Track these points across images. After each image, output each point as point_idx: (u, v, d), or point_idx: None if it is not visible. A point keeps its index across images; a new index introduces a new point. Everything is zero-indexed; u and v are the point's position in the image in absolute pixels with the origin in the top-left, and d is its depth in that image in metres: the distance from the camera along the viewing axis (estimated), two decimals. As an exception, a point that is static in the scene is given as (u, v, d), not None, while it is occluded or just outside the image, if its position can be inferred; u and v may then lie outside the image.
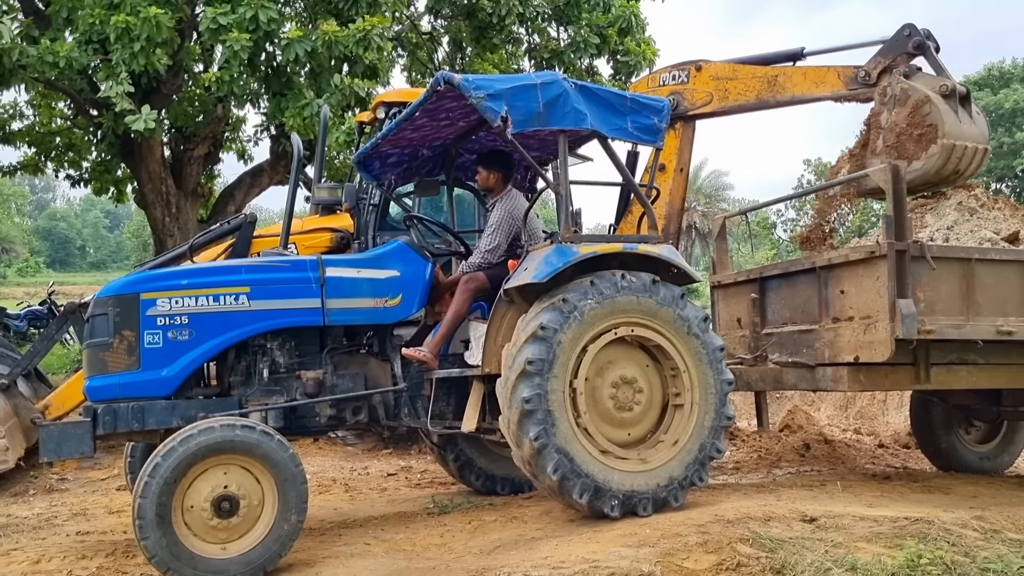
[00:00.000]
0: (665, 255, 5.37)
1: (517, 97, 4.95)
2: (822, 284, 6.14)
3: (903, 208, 5.70)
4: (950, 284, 5.74)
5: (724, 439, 5.34)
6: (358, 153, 6.31)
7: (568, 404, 4.89)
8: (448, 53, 15.09)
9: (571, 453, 4.82)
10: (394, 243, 5.77)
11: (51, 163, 15.20)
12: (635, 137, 5.51)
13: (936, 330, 5.61)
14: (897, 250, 5.55)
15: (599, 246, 5.21)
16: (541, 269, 4.98)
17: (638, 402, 5.19)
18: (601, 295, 5.00)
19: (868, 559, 3.99)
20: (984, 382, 6.17)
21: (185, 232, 14.10)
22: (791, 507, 5.03)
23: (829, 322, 6.07)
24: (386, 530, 5.44)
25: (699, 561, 4.08)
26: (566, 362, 4.89)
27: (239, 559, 4.45)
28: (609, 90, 5.56)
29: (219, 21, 9.37)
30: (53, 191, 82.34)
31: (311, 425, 5.49)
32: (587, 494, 4.82)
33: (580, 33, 12.53)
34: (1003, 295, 5.87)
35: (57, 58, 9.68)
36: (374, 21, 9.91)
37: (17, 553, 5.10)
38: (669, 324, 5.16)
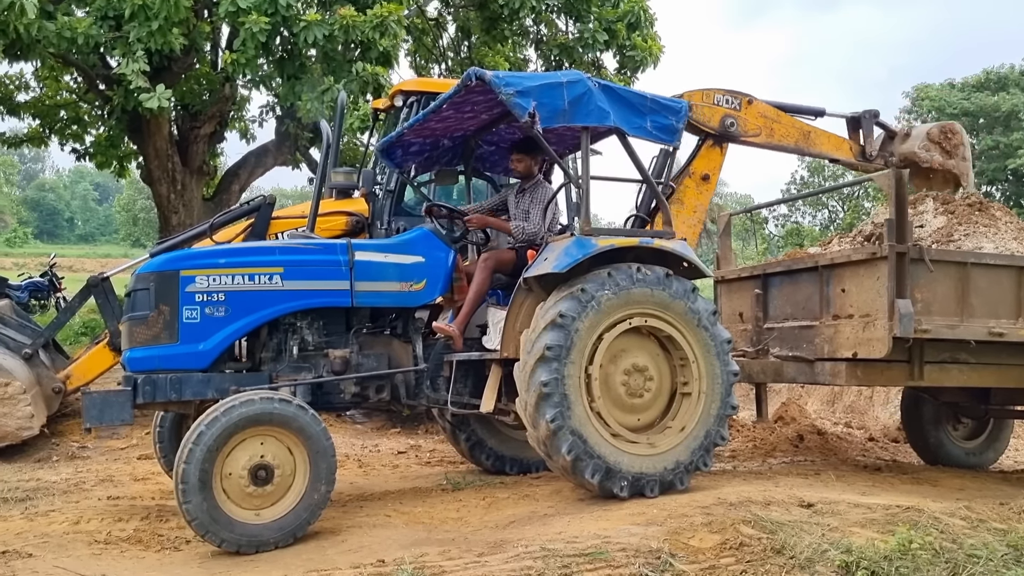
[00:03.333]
0: (678, 250, 5.61)
1: (544, 95, 5.16)
2: (824, 282, 6.40)
3: (904, 212, 5.95)
4: (946, 286, 6.02)
5: (727, 427, 5.60)
6: (382, 141, 6.53)
7: (583, 389, 5.14)
8: (453, 40, 15.24)
9: (585, 435, 5.07)
10: (419, 230, 6.00)
11: (55, 136, 15.31)
12: (654, 136, 5.71)
13: (932, 330, 5.90)
14: (897, 252, 5.81)
15: (617, 239, 5.46)
16: (561, 260, 5.22)
17: (648, 389, 5.44)
18: (617, 286, 5.24)
19: (862, 543, 4.24)
20: (974, 380, 6.43)
21: (190, 209, 14.25)
22: (789, 493, 5.30)
23: (829, 319, 6.32)
24: (404, 504, 5.69)
25: (704, 540, 4.33)
26: (582, 349, 5.13)
27: (272, 525, 4.69)
28: (630, 90, 5.79)
29: (238, 3, 9.50)
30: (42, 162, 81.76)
31: (336, 401, 5.75)
32: (598, 475, 5.08)
33: (588, 28, 12.69)
34: (996, 298, 6.16)
35: (75, 34, 9.81)
36: (391, 8, 10.07)
37: (55, 514, 5.33)
38: (680, 316, 5.41)
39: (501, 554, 4.20)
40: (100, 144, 15.24)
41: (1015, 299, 6.23)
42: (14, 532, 4.95)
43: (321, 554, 4.53)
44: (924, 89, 38.15)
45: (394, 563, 4.05)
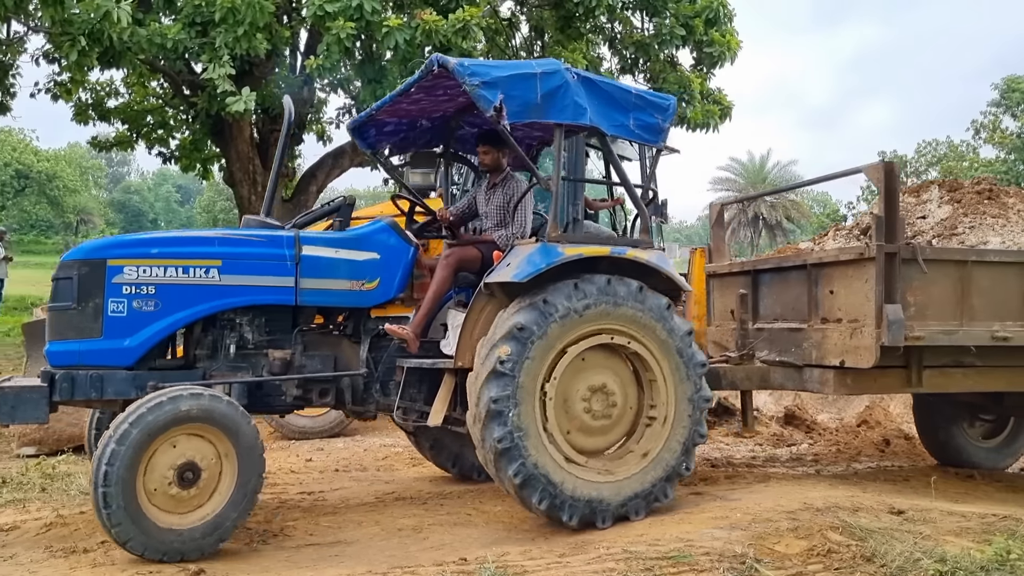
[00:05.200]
0: (654, 262, 5.16)
1: (514, 86, 4.76)
2: (812, 282, 5.92)
3: (895, 208, 5.42)
4: (944, 287, 5.51)
5: (694, 458, 5.16)
6: (353, 120, 6.07)
7: (537, 408, 4.74)
8: (526, 39, 15.26)
9: (535, 458, 4.67)
10: (376, 224, 5.55)
11: (142, 139, 15.90)
12: (637, 136, 5.28)
13: (926, 336, 5.40)
14: (887, 252, 5.31)
15: (585, 248, 5.00)
16: (523, 268, 4.80)
17: (610, 412, 5.03)
18: (584, 298, 4.84)
19: (957, 552, 4.10)
20: (980, 385, 5.92)
21: (269, 210, 14.61)
22: (878, 499, 5.17)
23: (818, 322, 5.85)
24: (484, 502, 5.72)
25: (790, 546, 4.25)
26: (540, 364, 4.74)
27: (198, 528, 4.40)
28: (614, 84, 5.33)
29: (325, 9, 9.70)
30: (128, 165, 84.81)
31: (276, 403, 5.37)
32: (546, 501, 4.68)
33: (666, 24, 12.56)
34: (1001, 299, 5.61)
35: (164, 39, 10.16)
36: (473, 12, 10.14)
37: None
38: (651, 334, 5.01)
39: (583, 555, 4.20)
40: (185, 147, 15.77)
41: (1022, 298, 5.66)
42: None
43: (404, 551, 4.60)
44: (1014, 81, 36.70)
45: (476, 562, 4.09)
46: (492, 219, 5.77)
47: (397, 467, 7.24)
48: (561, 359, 4.84)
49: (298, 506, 5.77)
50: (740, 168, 52.33)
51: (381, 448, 8.05)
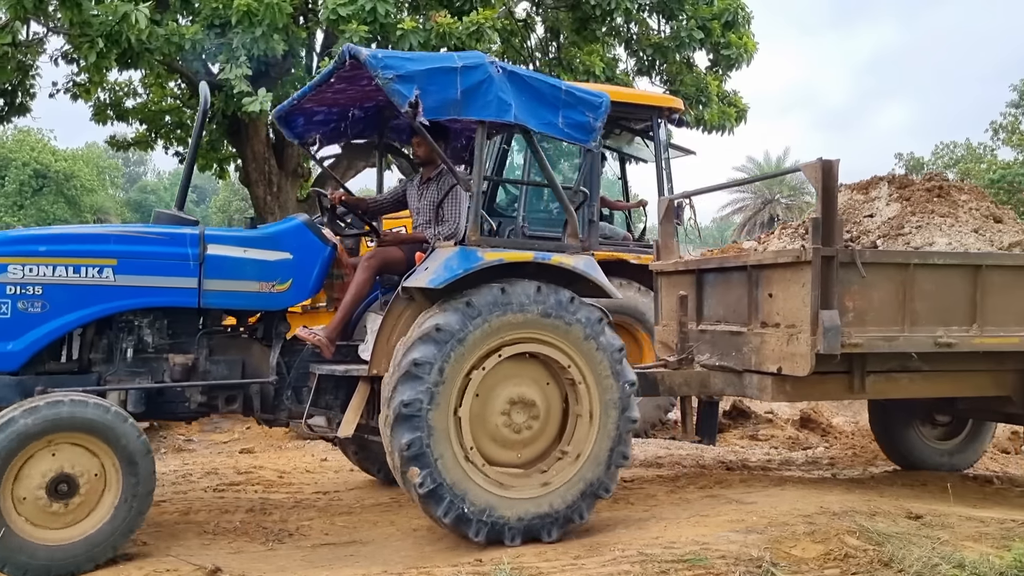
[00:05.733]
0: (580, 268, 4.93)
1: (432, 80, 4.50)
2: (753, 284, 5.66)
3: (833, 209, 5.17)
4: (885, 292, 5.25)
5: (630, 444, 4.92)
6: (277, 109, 5.73)
7: (452, 416, 4.48)
8: (541, 40, 15.27)
9: (447, 470, 4.41)
10: (290, 221, 5.29)
11: (160, 140, 16.02)
12: (565, 135, 5.01)
13: (864, 343, 5.17)
14: (823, 256, 5.07)
15: (507, 253, 4.74)
16: (439, 273, 4.55)
17: (531, 425, 4.76)
18: (507, 305, 4.58)
19: (976, 558, 4.08)
20: (927, 391, 5.75)
21: (285, 210, 14.68)
22: (895, 503, 5.15)
23: (758, 326, 5.60)
24: (498, 503, 5.71)
25: (807, 550, 4.24)
26: (458, 370, 4.48)
27: (81, 543, 4.14)
28: (543, 79, 5.06)
29: (339, 12, 9.73)
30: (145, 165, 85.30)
31: (180, 410, 5.07)
32: (452, 513, 4.40)
33: (683, 26, 12.54)
34: (945, 303, 5.36)
35: (182, 40, 10.23)
36: (487, 14, 10.15)
37: (166, 504, 5.56)
38: (578, 348, 4.73)
39: (598, 557, 4.19)
40: (201, 148, 15.85)
41: (968, 303, 5.38)
42: (129, 520, 5.17)
43: (419, 551, 4.61)
44: (1033, 82, 36.39)
45: (491, 562, 4.09)
46: (423, 216, 5.48)
47: (412, 467, 7.24)
48: (477, 369, 4.57)
49: (313, 506, 5.79)
50: (756, 168, 52.13)
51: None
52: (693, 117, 13.08)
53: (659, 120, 9.42)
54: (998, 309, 5.39)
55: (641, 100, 9.77)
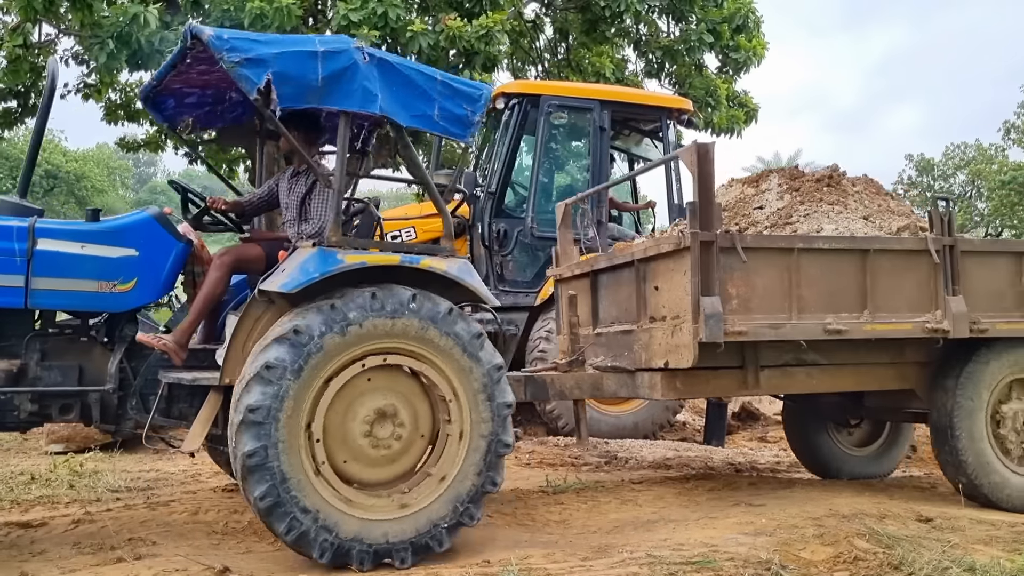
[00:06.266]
0: (452, 273, 4.56)
1: (288, 65, 4.14)
2: (640, 279, 5.48)
3: (709, 193, 4.97)
4: (770, 278, 5.04)
5: (502, 470, 4.55)
6: (142, 89, 5.22)
7: (303, 427, 4.09)
8: (550, 41, 15.28)
9: (292, 482, 4.02)
10: (138, 215, 4.81)
11: (170, 141, 16.08)
12: (440, 129, 4.67)
13: (749, 331, 4.93)
14: (702, 241, 4.86)
15: (370, 256, 4.37)
16: (294, 277, 4.18)
17: (393, 443, 4.37)
18: (381, 311, 4.21)
19: (987, 561, 4.06)
20: (826, 385, 5.55)
21: (294, 211, 14.76)
22: (905, 506, 5.14)
23: (647, 322, 5.41)
24: (505, 505, 5.71)
25: (816, 552, 4.23)
26: (314, 378, 4.10)
27: None
28: (417, 67, 4.68)
29: (350, 17, 9.76)
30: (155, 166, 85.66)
31: (7, 420, 4.59)
32: (295, 531, 4.02)
33: (693, 29, 12.54)
34: (834, 289, 5.17)
35: (191, 43, 10.27)
36: (497, 17, 10.17)
37: (176, 504, 5.57)
38: (435, 346, 4.35)
39: (606, 559, 4.19)
40: (211, 148, 15.91)
41: (858, 289, 5.20)
42: (138, 520, 5.20)
43: (427, 552, 4.60)
44: (1044, 83, 36.25)
45: (499, 564, 4.08)
46: (291, 212, 5.11)
47: (420, 468, 7.25)
48: (336, 379, 4.20)
49: (322, 506, 5.78)
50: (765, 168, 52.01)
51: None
52: (702, 120, 13.08)
53: (668, 121, 9.43)
54: (889, 295, 5.27)
55: (650, 101, 9.78)
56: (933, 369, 5.69)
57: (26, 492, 6.02)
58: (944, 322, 5.27)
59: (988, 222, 39.80)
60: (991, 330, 5.43)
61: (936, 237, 5.37)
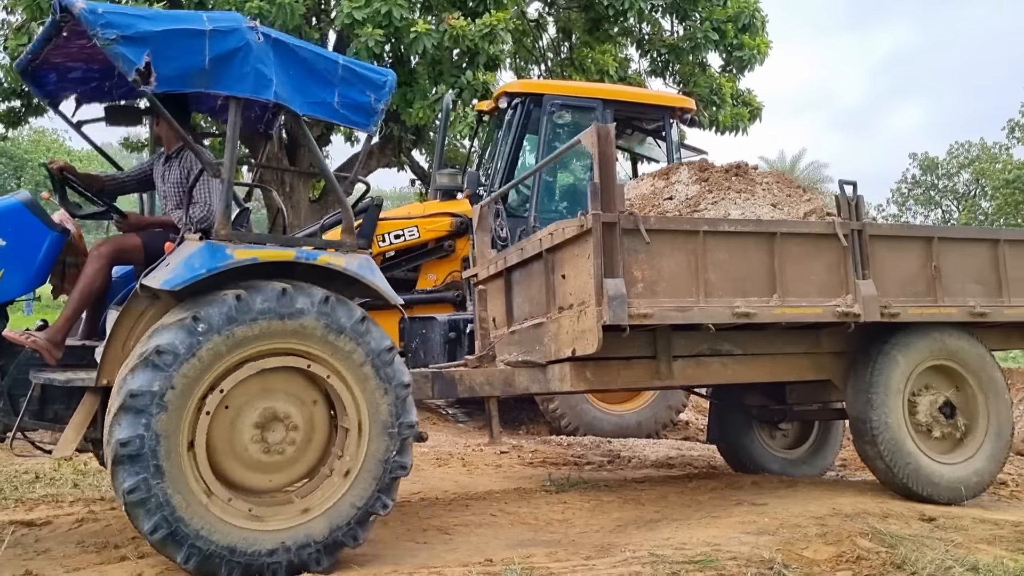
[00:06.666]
0: (352, 270, 4.30)
1: (172, 45, 3.84)
2: (549, 270, 5.36)
3: (611, 174, 4.87)
4: (676, 261, 4.93)
5: (410, 453, 4.30)
6: (19, 62, 4.75)
7: (185, 450, 3.81)
8: (553, 40, 15.29)
9: (182, 509, 3.76)
10: (6, 201, 4.50)
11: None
12: (341, 117, 4.41)
13: (655, 314, 4.79)
14: (604, 222, 4.75)
15: (262, 251, 4.10)
16: (179, 273, 3.89)
17: (286, 447, 4.11)
18: (250, 313, 3.91)
19: (990, 560, 4.05)
20: (741, 376, 5.44)
21: (297, 211, 14.76)
22: (908, 505, 5.13)
23: (556, 312, 5.27)
24: (509, 504, 5.72)
25: (819, 552, 4.22)
26: (189, 396, 3.80)
27: None
28: (316, 51, 4.40)
29: (354, 16, 9.78)
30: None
31: None
32: (196, 558, 3.78)
33: (698, 28, 12.54)
34: (742, 273, 5.07)
35: (195, 42, 10.30)
36: (500, 16, 10.18)
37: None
38: (322, 341, 4.08)
39: (608, 558, 4.18)
40: (215, 148, 15.94)
41: (767, 273, 5.10)
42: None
43: (429, 551, 4.60)
44: (1048, 82, 36.22)
45: (502, 563, 4.08)
46: (171, 199, 4.80)
47: (422, 467, 7.26)
48: (218, 387, 3.91)
49: (325, 505, 5.79)
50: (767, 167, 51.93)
51: (407, 448, 8.07)
52: (707, 118, 13.08)
53: (671, 120, 9.43)
54: (799, 279, 5.19)
55: (653, 100, 9.78)
56: (850, 358, 5.63)
57: (30, 491, 6.05)
58: (855, 306, 5.19)
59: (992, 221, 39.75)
60: (903, 314, 5.35)
61: (844, 221, 5.31)
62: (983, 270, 5.70)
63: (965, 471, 5.52)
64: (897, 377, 5.46)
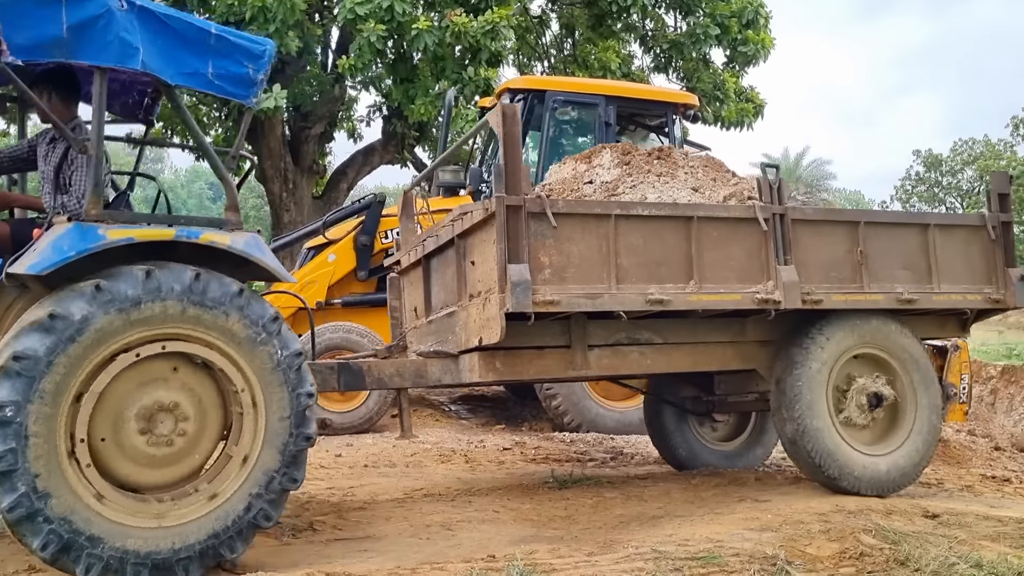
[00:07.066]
0: (239, 248, 4.07)
1: (23, 12, 3.63)
2: (461, 256, 5.13)
3: (516, 155, 4.64)
4: (587, 246, 4.72)
5: (303, 466, 4.14)
6: None
7: (64, 457, 3.59)
8: (556, 37, 15.27)
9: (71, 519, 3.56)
10: None
11: (177, 137, 16.11)
12: (217, 88, 4.18)
13: (562, 301, 4.59)
14: (508, 205, 4.52)
15: (138, 231, 3.86)
16: (46, 256, 3.67)
17: (180, 435, 3.90)
18: (114, 303, 3.66)
19: (994, 557, 4.04)
20: (662, 365, 5.24)
21: (300, 207, 14.78)
22: (911, 502, 5.11)
23: (466, 300, 5.04)
24: (511, 500, 5.72)
25: (822, 548, 4.21)
26: (73, 370, 3.59)
27: None
28: (187, 18, 4.19)
29: (356, 11, 9.77)
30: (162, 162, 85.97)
31: None
32: (97, 567, 3.58)
33: (700, 23, 12.53)
34: (657, 258, 4.86)
35: (197, 37, 10.30)
36: (502, 13, 10.17)
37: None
38: (222, 332, 3.89)
39: (611, 554, 4.17)
40: (218, 144, 15.95)
41: (684, 259, 4.90)
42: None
43: (432, 547, 4.60)
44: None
45: (505, 559, 4.07)
46: (49, 182, 4.56)
47: (426, 463, 7.27)
48: (106, 369, 3.72)
49: (327, 501, 5.80)
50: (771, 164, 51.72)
51: (410, 444, 8.08)
52: (711, 114, 13.06)
53: (674, 116, 9.41)
54: (718, 265, 4.99)
55: (655, 96, 9.76)
56: (776, 347, 5.43)
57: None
58: (775, 293, 4.99)
59: (996, 218, 39.58)
60: (826, 301, 5.17)
61: (764, 205, 5.11)
62: (912, 255, 5.50)
63: (892, 462, 5.35)
64: (821, 367, 5.25)
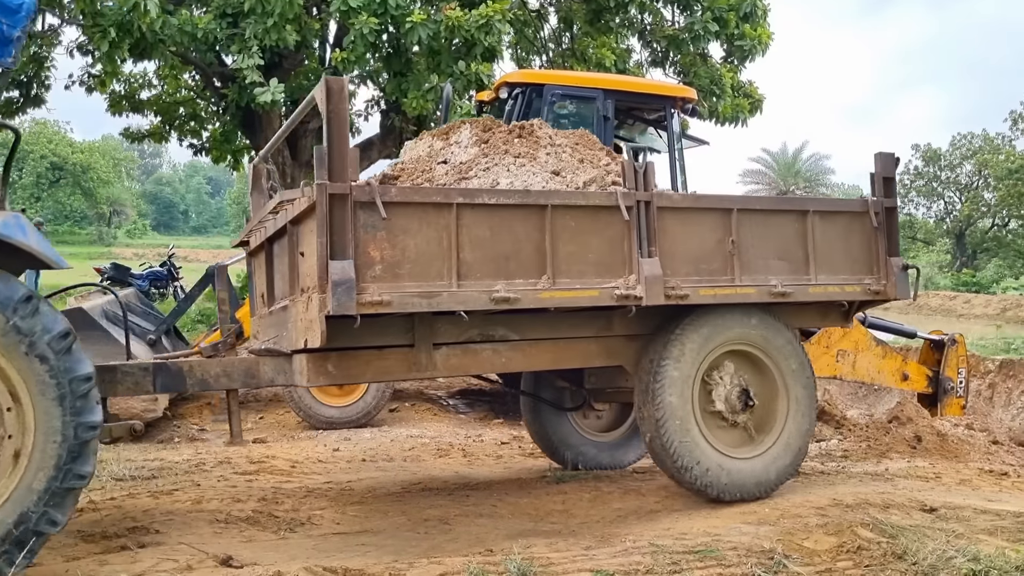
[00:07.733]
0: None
1: None
2: (294, 244, 4.59)
3: (342, 137, 4.15)
4: (425, 239, 4.27)
5: (70, 506, 3.69)
6: None
7: None
8: (554, 31, 15.23)
9: None
10: None
11: (175, 132, 16.10)
12: None
13: (393, 301, 4.15)
14: (331, 194, 4.04)
15: None
16: None
17: None
18: None
19: (991, 551, 4.03)
20: (519, 364, 4.87)
21: (299, 201, 14.77)
22: (909, 496, 5.11)
23: (298, 294, 4.54)
24: (509, 494, 5.72)
25: (819, 542, 4.21)
26: None
27: None
28: None
29: (349, 3, 9.74)
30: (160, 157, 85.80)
31: None
32: None
33: (698, 18, 12.49)
34: (506, 251, 4.45)
35: (195, 29, 10.29)
36: (497, 7, 10.14)
37: (179, 493, 5.60)
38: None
39: (609, 548, 4.18)
40: (216, 139, 15.94)
41: (537, 252, 4.50)
42: (141, 509, 5.21)
43: (430, 541, 4.61)
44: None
45: (502, 553, 4.07)
46: None
47: (423, 458, 7.27)
48: None
49: (325, 495, 5.80)
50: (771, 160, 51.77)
51: (408, 439, 8.09)
52: (707, 109, 13.02)
53: (672, 110, 9.37)
54: (574, 258, 4.60)
55: (654, 90, 9.71)
56: (643, 342, 5.10)
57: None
58: (636, 288, 4.64)
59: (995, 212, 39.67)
60: (693, 296, 4.83)
61: (627, 192, 4.71)
62: (789, 245, 5.18)
63: (762, 464, 5.11)
64: (687, 364, 4.95)
